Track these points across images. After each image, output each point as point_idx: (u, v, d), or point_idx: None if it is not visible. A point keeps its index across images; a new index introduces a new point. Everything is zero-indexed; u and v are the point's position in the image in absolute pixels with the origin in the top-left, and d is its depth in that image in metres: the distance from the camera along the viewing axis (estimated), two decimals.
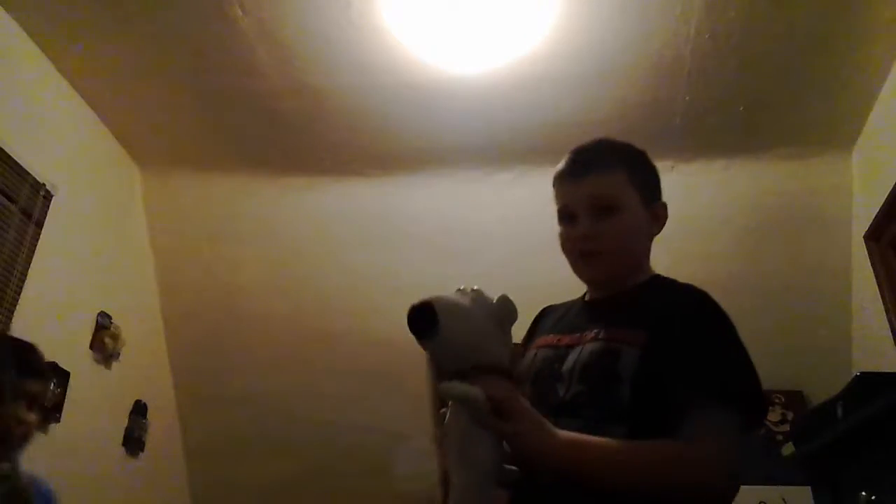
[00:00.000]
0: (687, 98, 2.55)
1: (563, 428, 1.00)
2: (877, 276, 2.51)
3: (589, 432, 1.00)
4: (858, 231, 2.66)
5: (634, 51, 2.37)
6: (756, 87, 2.51)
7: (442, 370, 1.00)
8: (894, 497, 1.82)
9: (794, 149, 2.77)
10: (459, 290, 1.05)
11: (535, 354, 1.22)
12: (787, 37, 2.30)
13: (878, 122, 2.54)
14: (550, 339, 1.22)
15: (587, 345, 1.13)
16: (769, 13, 2.22)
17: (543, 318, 1.36)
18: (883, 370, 2.16)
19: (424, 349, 1.02)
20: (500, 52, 2.39)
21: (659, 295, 1.20)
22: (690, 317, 1.11)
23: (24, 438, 1.36)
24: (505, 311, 1.03)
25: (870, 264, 2.56)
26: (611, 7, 2.22)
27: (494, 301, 1.02)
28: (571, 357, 1.13)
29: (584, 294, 1.32)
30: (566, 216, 1.22)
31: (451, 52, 2.40)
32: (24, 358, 1.44)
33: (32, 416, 1.38)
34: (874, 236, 2.54)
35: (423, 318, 0.98)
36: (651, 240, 1.28)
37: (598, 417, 1.04)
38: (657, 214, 1.26)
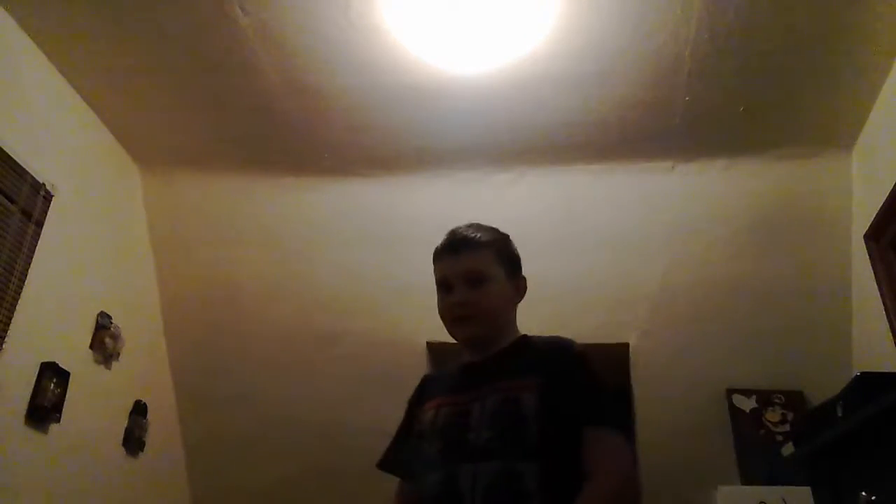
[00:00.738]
0: (687, 98, 2.56)
1: (481, 469, 1.21)
2: (877, 276, 2.51)
3: (505, 472, 1.20)
4: (858, 231, 2.66)
5: (634, 51, 2.37)
6: (756, 87, 2.51)
7: None
8: (894, 497, 1.82)
9: (794, 149, 2.77)
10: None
11: (436, 412, 1.38)
12: (786, 37, 2.30)
13: (878, 122, 2.55)
14: (446, 399, 1.40)
15: (488, 397, 1.31)
16: (769, 13, 2.22)
17: (428, 384, 1.56)
18: (883, 370, 2.16)
19: None
20: (500, 52, 2.39)
21: (535, 348, 1.42)
22: (569, 360, 1.35)
23: None
24: None
25: (870, 264, 2.56)
26: (611, 7, 2.22)
27: None
28: (476, 409, 1.30)
29: (463, 361, 1.50)
30: (444, 287, 1.44)
31: (451, 52, 2.40)
32: None
33: None
34: (874, 236, 2.54)
35: None
36: (515, 307, 1.50)
37: (512, 456, 1.21)
38: (519, 286, 1.49)
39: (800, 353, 2.82)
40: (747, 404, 2.80)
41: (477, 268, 1.42)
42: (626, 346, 2.94)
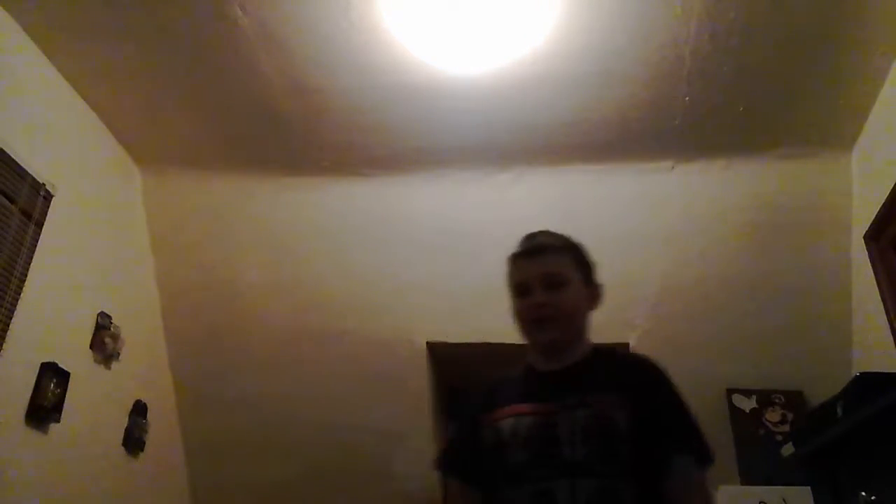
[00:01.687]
0: (687, 98, 2.55)
1: (579, 485, 1.22)
2: (877, 276, 2.51)
3: (604, 489, 1.21)
4: (858, 231, 2.66)
5: (634, 51, 2.37)
6: (756, 87, 2.51)
7: None
8: (894, 497, 1.82)
9: (794, 149, 2.77)
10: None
11: (516, 421, 1.36)
12: (786, 37, 2.30)
13: (878, 122, 2.54)
14: (525, 407, 1.37)
15: (577, 410, 1.30)
16: (769, 13, 2.21)
17: (494, 391, 1.49)
18: (883, 370, 2.16)
19: None
20: (499, 53, 2.39)
21: (618, 362, 1.45)
22: (658, 381, 1.37)
23: None
24: None
25: (870, 264, 2.56)
26: (611, 7, 2.22)
27: None
28: (564, 422, 1.30)
29: (530, 367, 1.48)
30: (521, 290, 1.44)
31: (451, 52, 2.40)
32: None
33: None
34: (874, 236, 2.54)
35: None
36: (589, 315, 1.48)
37: (611, 474, 1.23)
38: (595, 294, 1.48)
39: (800, 353, 2.82)
40: (747, 404, 2.80)
41: (556, 270, 1.43)
42: (626, 346, 2.94)
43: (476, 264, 3.00)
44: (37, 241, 2.41)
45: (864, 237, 2.59)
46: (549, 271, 1.42)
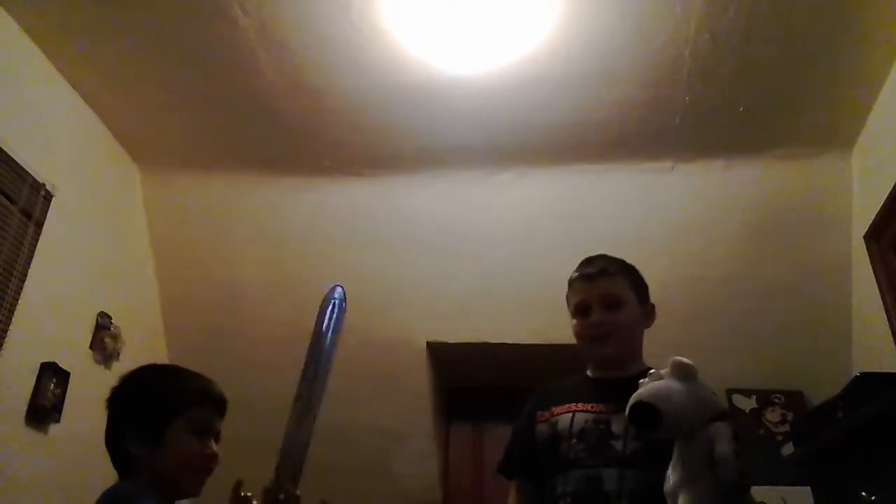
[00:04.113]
0: (687, 98, 2.55)
1: (628, 477, 1.35)
2: (877, 276, 2.51)
3: (649, 480, 1.26)
4: (858, 231, 2.66)
5: (634, 51, 2.37)
6: (756, 87, 2.51)
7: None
8: (894, 497, 1.82)
9: (794, 149, 2.77)
10: (651, 373, 1.25)
11: (573, 416, 1.50)
12: (787, 37, 2.30)
13: (878, 122, 2.54)
14: (582, 406, 1.51)
15: None
16: (769, 14, 2.21)
17: (550, 392, 1.63)
18: (883, 370, 2.16)
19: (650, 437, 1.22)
20: (499, 53, 2.39)
21: None
22: None
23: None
24: (690, 371, 1.24)
25: (870, 264, 2.56)
26: (611, 7, 2.22)
27: (680, 367, 1.24)
28: (616, 421, 1.42)
29: (586, 376, 1.62)
30: (581, 310, 1.57)
31: (451, 52, 2.40)
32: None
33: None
34: (874, 236, 2.54)
35: (647, 417, 1.15)
36: (643, 333, 1.62)
37: (655, 468, 1.26)
38: (649, 313, 1.64)
39: (800, 353, 2.82)
40: (747, 404, 2.80)
41: (614, 291, 1.57)
42: None
43: (476, 264, 3.00)
44: (37, 241, 2.41)
45: (864, 237, 2.59)
46: (607, 292, 1.56)
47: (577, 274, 1.64)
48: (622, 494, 1.35)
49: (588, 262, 1.64)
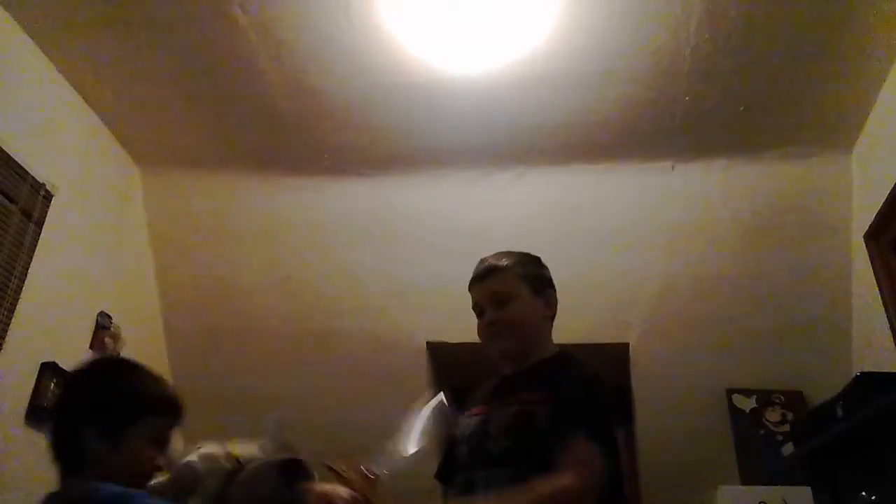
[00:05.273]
0: (687, 98, 2.55)
1: (496, 475, 1.34)
2: (877, 276, 2.51)
3: (514, 478, 1.27)
4: (858, 231, 2.66)
5: (634, 51, 2.37)
6: (756, 87, 2.51)
7: None
8: (894, 497, 1.82)
9: (794, 149, 2.77)
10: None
11: (468, 421, 1.53)
12: (786, 37, 2.30)
13: (878, 122, 2.54)
14: (476, 409, 1.55)
15: (507, 407, 1.43)
16: (769, 13, 2.21)
17: (470, 395, 1.66)
18: (883, 370, 2.16)
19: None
20: (499, 52, 2.39)
21: (563, 366, 1.50)
22: (578, 381, 1.42)
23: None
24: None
25: (870, 264, 2.56)
26: (610, 7, 2.22)
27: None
28: (495, 420, 1.44)
29: (498, 373, 1.63)
30: (478, 311, 1.60)
31: (451, 52, 2.40)
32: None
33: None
34: (874, 236, 2.54)
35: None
36: (547, 320, 1.60)
37: (524, 465, 1.30)
38: (548, 302, 1.60)
39: (800, 353, 2.82)
40: (747, 404, 2.80)
41: (502, 288, 1.57)
42: (626, 346, 2.94)
43: (475, 264, 2.99)
44: (37, 241, 2.41)
45: (864, 237, 2.59)
46: (495, 290, 1.57)
47: (471, 277, 1.66)
48: (488, 494, 1.34)
49: (480, 262, 1.66)
